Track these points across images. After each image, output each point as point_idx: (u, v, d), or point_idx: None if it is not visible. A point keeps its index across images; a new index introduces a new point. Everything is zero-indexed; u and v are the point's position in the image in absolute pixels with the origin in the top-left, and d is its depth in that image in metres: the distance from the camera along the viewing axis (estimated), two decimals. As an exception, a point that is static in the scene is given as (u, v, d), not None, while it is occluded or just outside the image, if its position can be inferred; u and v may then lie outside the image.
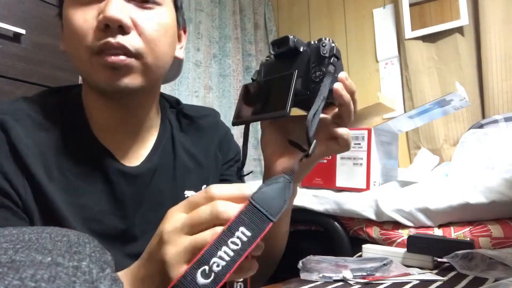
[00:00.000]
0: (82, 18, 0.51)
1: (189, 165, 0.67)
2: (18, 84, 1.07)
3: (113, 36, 0.50)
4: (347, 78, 0.50)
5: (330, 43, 0.51)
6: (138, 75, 0.54)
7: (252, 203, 0.37)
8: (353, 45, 2.39)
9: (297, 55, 0.52)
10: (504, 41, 1.81)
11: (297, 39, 0.52)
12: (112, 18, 0.49)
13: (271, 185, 0.39)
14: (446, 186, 0.93)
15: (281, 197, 0.39)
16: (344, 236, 1.01)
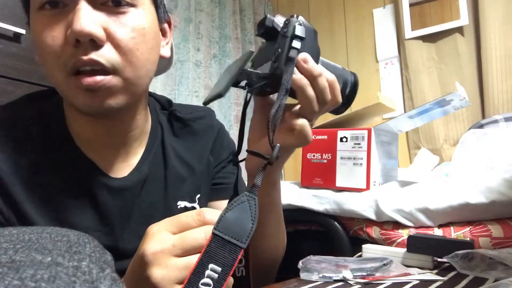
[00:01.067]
0: (50, 35, 0.46)
1: (182, 172, 0.63)
2: (18, 84, 1.07)
3: (85, 53, 0.45)
4: (305, 60, 0.44)
5: (294, 21, 0.44)
6: (120, 94, 0.49)
7: (216, 234, 0.35)
8: (353, 45, 2.39)
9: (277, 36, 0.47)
10: (504, 41, 1.81)
11: (279, 18, 0.47)
12: (81, 32, 0.43)
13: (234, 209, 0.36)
14: (446, 186, 0.93)
15: (247, 218, 0.36)
16: (344, 236, 1.01)
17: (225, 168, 0.70)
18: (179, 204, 0.62)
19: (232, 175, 0.71)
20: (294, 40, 0.44)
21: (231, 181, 0.70)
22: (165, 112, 0.66)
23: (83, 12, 0.44)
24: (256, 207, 0.37)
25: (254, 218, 0.37)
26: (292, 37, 0.44)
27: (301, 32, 0.44)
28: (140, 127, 0.59)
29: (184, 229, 0.38)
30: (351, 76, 0.53)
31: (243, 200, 0.37)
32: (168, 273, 0.35)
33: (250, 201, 0.37)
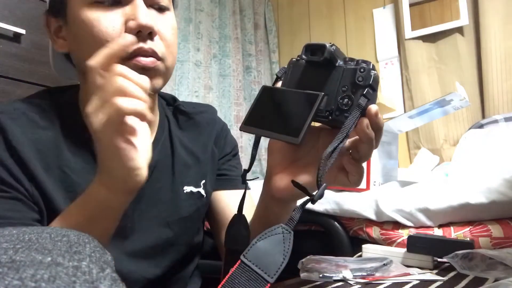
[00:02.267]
0: (110, 24, 0.52)
1: (188, 160, 0.67)
2: (18, 84, 1.07)
3: (145, 42, 0.53)
4: (376, 114, 0.44)
5: (369, 69, 0.44)
6: (161, 77, 0.57)
7: (244, 262, 0.33)
8: (353, 45, 2.39)
9: (331, 69, 0.46)
10: (504, 41, 1.81)
11: (335, 50, 0.46)
12: (146, 25, 0.52)
13: (267, 239, 0.35)
14: (446, 186, 0.93)
15: (279, 252, 0.35)
16: (344, 236, 1.01)
17: (229, 161, 0.75)
18: (185, 189, 0.65)
19: (235, 168, 0.75)
20: (367, 89, 0.43)
21: (234, 173, 0.75)
22: (171, 107, 0.72)
23: (144, 9, 0.53)
24: (290, 241, 0.36)
25: (286, 252, 0.35)
26: (366, 86, 0.43)
27: (375, 83, 0.44)
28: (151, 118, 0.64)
29: None
30: None
31: (278, 232, 0.36)
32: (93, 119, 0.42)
33: (285, 234, 0.36)
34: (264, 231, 0.37)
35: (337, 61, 0.46)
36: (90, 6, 0.53)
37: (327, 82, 0.46)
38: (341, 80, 0.45)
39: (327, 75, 0.46)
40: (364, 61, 0.45)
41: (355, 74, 0.44)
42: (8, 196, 0.50)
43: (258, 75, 2.54)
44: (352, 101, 0.44)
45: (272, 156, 0.53)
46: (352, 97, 0.44)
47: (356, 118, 0.43)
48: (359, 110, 0.43)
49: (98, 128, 0.42)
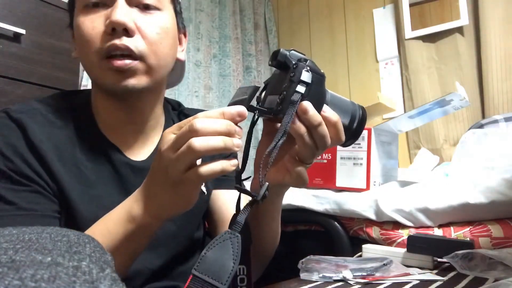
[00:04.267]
0: (91, 25, 0.56)
1: None
2: (18, 84, 1.07)
3: (119, 38, 0.55)
4: (305, 111, 0.45)
5: (302, 65, 0.45)
6: (142, 76, 0.58)
7: (195, 275, 0.35)
8: (353, 45, 2.39)
9: (287, 71, 0.47)
10: (504, 41, 1.81)
11: (292, 54, 0.47)
12: (117, 21, 0.54)
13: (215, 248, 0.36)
14: (446, 186, 0.93)
15: (228, 257, 0.36)
16: (344, 236, 1.01)
17: None
18: None
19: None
20: (299, 85, 0.44)
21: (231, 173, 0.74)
22: (175, 112, 0.76)
23: (120, 7, 0.55)
24: (238, 245, 0.37)
25: (236, 257, 0.36)
26: (297, 82, 0.44)
27: (307, 78, 0.45)
28: (157, 119, 0.68)
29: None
30: (359, 110, 0.53)
31: (225, 238, 0.37)
32: (171, 158, 0.43)
33: (232, 239, 0.37)
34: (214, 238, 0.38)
35: (291, 63, 0.46)
36: (81, 10, 0.58)
37: (282, 83, 0.47)
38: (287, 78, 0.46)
39: (284, 76, 0.47)
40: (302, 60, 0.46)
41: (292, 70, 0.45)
42: (30, 189, 0.53)
43: (258, 75, 2.54)
44: (285, 97, 0.44)
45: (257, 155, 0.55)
46: (285, 94, 0.45)
47: (291, 114, 0.44)
48: (293, 105, 0.44)
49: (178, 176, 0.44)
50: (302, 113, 0.45)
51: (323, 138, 0.46)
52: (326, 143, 0.47)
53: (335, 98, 0.51)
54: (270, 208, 0.59)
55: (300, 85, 0.44)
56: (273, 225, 0.63)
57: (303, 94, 0.44)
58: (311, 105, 0.45)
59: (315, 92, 0.46)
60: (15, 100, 1.05)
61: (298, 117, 0.45)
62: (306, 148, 0.47)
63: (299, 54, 0.47)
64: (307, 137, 0.46)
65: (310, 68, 0.45)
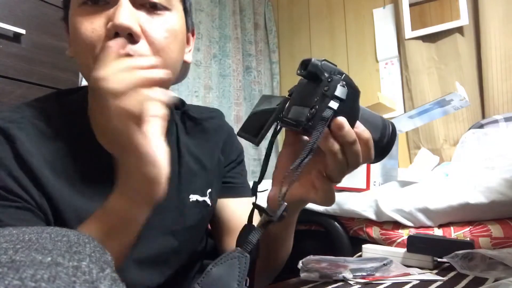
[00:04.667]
0: (90, 27, 0.49)
1: (194, 168, 0.65)
2: (18, 84, 1.07)
3: (123, 46, 0.48)
4: (340, 127, 0.42)
5: (338, 79, 0.43)
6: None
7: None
8: (353, 45, 2.39)
9: (318, 82, 0.44)
10: (504, 41, 1.81)
11: (324, 64, 0.44)
12: (121, 25, 0.47)
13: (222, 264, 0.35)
14: (446, 186, 0.93)
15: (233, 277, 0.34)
16: (344, 236, 1.01)
17: (234, 169, 0.73)
18: (191, 197, 0.63)
19: (240, 175, 0.74)
20: (332, 101, 0.42)
21: (239, 181, 0.73)
22: (178, 111, 0.69)
23: (124, 8, 0.48)
24: (246, 265, 0.36)
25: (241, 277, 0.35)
26: (331, 97, 0.42)
27: (341, 94, 0.42)
28: None
29: None
30: (389, 126, 0.51)
31: (233, 257, 0.36)
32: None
33: (241, 258, 0.36)
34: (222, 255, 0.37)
35: (323, 75, 0.44)
36: (79, 8, 0.51)
37: (312, 95, 0.45)
38: (318, 91, 0.44)
39: (314, 88, 0.45)
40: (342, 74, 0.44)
41: (325, 84, 0.43)
42: (17, 205, 0.49)
43: (258, 75, 2.54)
44: (316, 113, 0.42)
45: (276, 168, 0.52)
46: (317, 108, 0.42)
47: (321, 130, 0.41)
48: (324, 122, 0.41)
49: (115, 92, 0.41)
50: (337, 129, 0.42)
51: (356, 155, 0.44)
52: (358, 161, 0.45)
53: (365, 112, 0.49)
54: (286, 225, 0.57)
55: (334, 100, 0.42)
56: (287, 241, 0.61)
57: (336, 111, 0.42)
58: (346, 121, 0.42)
59: (349, 108, 0.43)
60: (15, 100, 1.05)
61: (332, 133, 0.42)
62: (337, 166, 0.44)
63: (331, 65, 0.45)
64: (339, 154, 0.43)
65: (346, 83, 0.43)
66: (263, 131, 0.44)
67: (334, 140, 0.43)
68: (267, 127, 0.44)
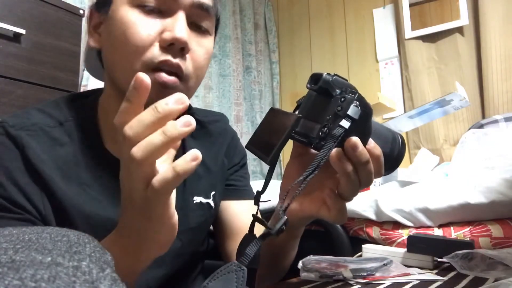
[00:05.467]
0: (145, 30, 0.50)
1: (199, 171, 0.66)
2: (18, 84, 1.07)
3: (174, 56, 0.50)
4: (354, 147, 0.42)
5: (351, 99, 0.42)
6: None
7: None
8: (353, 45, 2.39)
9: (330, 98, 0.44)
10: (504, 41, 1.81)
11: (336, 80, 0.45)
12: (181, 39, 0.50)
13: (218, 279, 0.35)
14: (446, 186, 0.93)
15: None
16: (344, 236, 1.01)
17: (237, 172, 0.74)
18: (195, 199, 0.64)
19: (243, 178, 0.75)
20: (344, 119, 0.42)
21: (242, 184, 0.74)
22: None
23: (183, 22, 0.51)
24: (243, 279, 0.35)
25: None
26: (343, 116, 0.42)
27: (354, 114, 0.42)
28: None
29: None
30: (398, 138, 0.51)
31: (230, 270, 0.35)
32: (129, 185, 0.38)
33: (238, 272, 0.35)
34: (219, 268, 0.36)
35: (335, 91, 0.44)
36: (133, 7, 0.52)
37: (323, 111, 0.45)
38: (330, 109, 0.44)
39: (325, 104, 0.45)
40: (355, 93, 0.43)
41: (338, 102, 0.43)
42: (19, 217, 0.49)
43: (258, 75, 2.54)
44: (328, 131, 0.42)
45: (284, 180, 0.53)
46: (330, 127, 0.42)
47: (329, 148, 0.41)
48: (333, 140, 0.41)
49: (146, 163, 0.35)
50: (351, 149, 0.42)
51: (369, 175, 0.44)
52: (370, 180, 0.44)
53: (376, 127, 0.48)
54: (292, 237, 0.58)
55: (346, 119, 0.42)
56: (291, 251, 0.61)
57: (347, 130, 0.41)
58: (360, 141, 0.42)
59: (362, 127, 0.43)
60: (15, 100, 1.05)
61: (346, 153, 0.42)
62: (350, 185, 0.44)
63: (342, 80, 0.45)
64: (353, 175, 0.43)
65: (359, 103, 0.42)
66: (275, 150, 0.43)
67: (347, 161, 0.43)
68: (279, 146, 0.43)
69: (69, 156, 0.54)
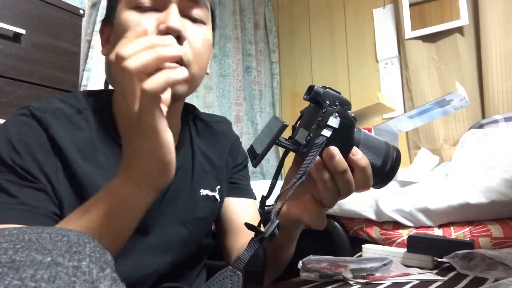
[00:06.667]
0: (142, 28, 0.54)
1: (205, 166, 0.70)
2: (18, 84, 1.07)
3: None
4: (331, 157, 0.44)
5: (331, 111, 0.46)
6: (184, 83, 0.57)
7: None
8: (353, 45, 2.39)
9: (320, 109, 0.47)
10: (504, 41, 1.81)
11: (326, 92, 0.48)
12: (173, 27, 0.53)
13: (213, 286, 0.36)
14: (446, 186, 0.93)
15: None
16: (344, 236, 1.01)
17: (240, 172, 0.79)
18: (201, 192, 0.68)
19: (245, 178, 0.79)
20: (324, 129, 0.45)
21: (244, 183, 0.78)
22: (191, 115, 0.75)
23: (175, 14, 0.55)
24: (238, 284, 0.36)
25: None
26: (324, 126, 0.45)
27: (334, 124, 0.45)
28: (175, 125, 0.67)
29: None
30: (393, 152, 0.52)
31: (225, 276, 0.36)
32: (123, 100, 0.42)
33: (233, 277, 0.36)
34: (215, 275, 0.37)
35: (325, 102, 0.47)
36: (130, 9, 0.56)
37: (312, 121, 0.48)
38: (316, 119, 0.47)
39: (316, 114, 0.48)
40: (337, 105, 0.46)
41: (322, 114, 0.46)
42: (34, 186, 0.52)
43: (258, 75, 2.54)
44: (310, 140, 0.45)
45: (283, 185, 0.54)
46: (311, 135, 0.45)
47: (314, 156, 0.44)
48: (317, 148, 0.44)
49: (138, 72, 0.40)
50: (328, 158, 0.44)
51: (347, 185, 0.46)
52: (350, 190, 0.47)
53: (368, 139, 0.50)
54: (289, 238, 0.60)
55: (326, 129, 0.45)
56: (289, 250, 0.64)
57: (329, 138, 0.44)
58: (338, 151, 0.44)
59: (343, 138, 0.46)
60: (15, 100, 1.05)
61: (323, 161, 0.45)
62: (328, 193, 0.46)
63: (334, 93, 0.48)
64: (329, 183, 0.46)
65: (339, 114, 0.45)
66: (259, 156, 0.47)
67: (325, 169, 0.45)
68: (262, 153, 0.47)
69: (87, 140, 0.58)
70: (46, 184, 0.53)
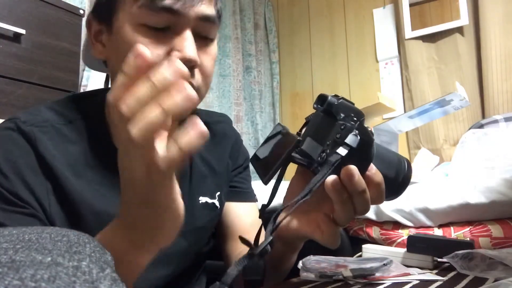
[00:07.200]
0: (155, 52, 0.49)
1: (205, 171, 0.67)
2: (18, 84, 1.07)
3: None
4: (350, 176, 0.41)
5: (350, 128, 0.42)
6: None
7: None
8: (353, 45, 2.39)
9: (334, 122, 0.44)
10: (504, 41, 1.81)
11: (341, 104, 0.44)
12: (191, 58, 0.49)
13: None
14: (446, 186, 0.93)
15: None
16: (344, 236, 1.01)
17: (241, 174, 0.75)
18: (200, 199, 0.64)
19: (246, 180, 0.76)
20: (341, 147, 0.42)
21: (245, 186, 0.75)
22: None
23: (191, 41, 0.50)
24: None
25: None
26: (341, 144, 0.42)
27: (352, 143, 0.42)
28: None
29: None
30: (404, 163, 0.50)
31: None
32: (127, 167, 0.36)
33: None
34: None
35: (339, 115, 0.44)
36: (138, 26, 0.50)
37: (326, 134, 0.45)
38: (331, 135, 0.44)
39: (329, 127, 0.45)
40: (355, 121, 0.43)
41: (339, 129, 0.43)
42: (24, 211, 0.48)
43: (258, 75, 2.54)
44: (325, 157, 0.42)
45: (286, 194, 0.53)
46: (327, 153, 0.42)
47: (324, 175, 0.41)
48: (329, 167, 0.41)
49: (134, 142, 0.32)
50: (347, 178, 0.41)
51: (365, 204, 0.43)
52: (367, 208, 0.44)
53: (380, 151, 0.48)
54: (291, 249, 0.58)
55: (343, 147, 0.41)
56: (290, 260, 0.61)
57: (344, 157, 0.41)
58: (357, 170, 0.41)
59: (361, 155, 0.43)
60: (15, 100, 1.05)
61: (341, 181, 0.42)
62: (344, 213, 0.44)
63: (349, 104, 0.45)
64: (348, 203, 0.43)
65: (359, 132, 0.42)
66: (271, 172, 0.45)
67: (343, 189, 0.42)
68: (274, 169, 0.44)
69: (79, 154, 0.54)
70: (37, 208, 0.49)
